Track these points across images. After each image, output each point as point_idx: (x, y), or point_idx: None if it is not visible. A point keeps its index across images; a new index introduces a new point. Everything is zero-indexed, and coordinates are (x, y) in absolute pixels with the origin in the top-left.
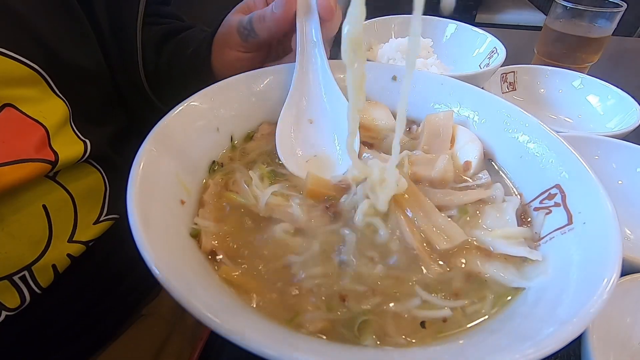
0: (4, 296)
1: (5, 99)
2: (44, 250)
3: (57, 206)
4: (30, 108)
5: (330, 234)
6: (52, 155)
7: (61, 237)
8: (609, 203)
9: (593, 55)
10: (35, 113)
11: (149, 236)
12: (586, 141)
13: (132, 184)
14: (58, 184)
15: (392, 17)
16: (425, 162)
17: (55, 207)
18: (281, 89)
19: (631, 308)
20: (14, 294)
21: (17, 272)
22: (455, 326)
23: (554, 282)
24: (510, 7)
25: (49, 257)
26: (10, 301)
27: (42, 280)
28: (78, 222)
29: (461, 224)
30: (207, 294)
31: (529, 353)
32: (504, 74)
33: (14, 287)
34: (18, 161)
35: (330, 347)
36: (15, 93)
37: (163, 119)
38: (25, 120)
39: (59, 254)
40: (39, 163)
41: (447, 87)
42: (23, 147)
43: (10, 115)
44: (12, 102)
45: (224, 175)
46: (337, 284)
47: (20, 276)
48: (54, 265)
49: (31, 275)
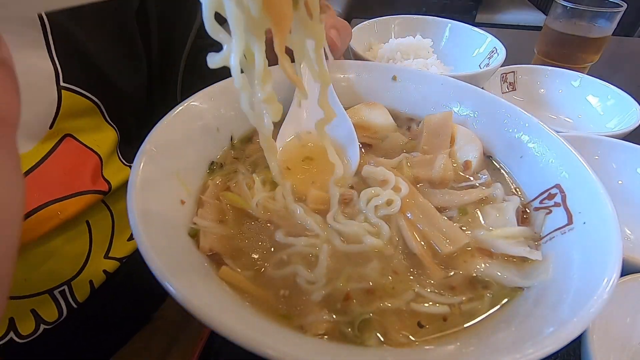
0: (44, 310)
1: (66, 130)
2: (82, 266)
3: (98, 223)
4: (87, 137)
5: (330, 237)
6: (105, 185)
7: (99, 252)
8: (609, 203)
9: (593, 55)
10: (91, 142)
11: (149, 235)
12: (586, 141)
13: (133, 184)
14: (104, 204)
15: (392, 17)
16: (424, 164)
17: (97, 224)
18: (281, 89)
19: (631, 308)
20: (53, 308)
21: (58, 286)
22: (456, 326)
23: (554, 282)
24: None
25: (87, 273)
26: (49, 315)
27: (79, 295)
28: (114, 239)
29: (461, 224)
30: (207, 293)
31: (529, 353)
32: (504, 74)
33: (54, 301)
34: (77, 194)
35: (332, 346)
36: (75, 124)
37: (163, 119)
38: (83, 149)
39: (95, 269)
40: (95, 195)
41: (447, 87)
42: (81, 177)
43: (70, 145)
44: (72, 132)
45: (224, 176)
46: (337, 286)
47: (60, 290)
48: (91, 281)
49: (70, 290)
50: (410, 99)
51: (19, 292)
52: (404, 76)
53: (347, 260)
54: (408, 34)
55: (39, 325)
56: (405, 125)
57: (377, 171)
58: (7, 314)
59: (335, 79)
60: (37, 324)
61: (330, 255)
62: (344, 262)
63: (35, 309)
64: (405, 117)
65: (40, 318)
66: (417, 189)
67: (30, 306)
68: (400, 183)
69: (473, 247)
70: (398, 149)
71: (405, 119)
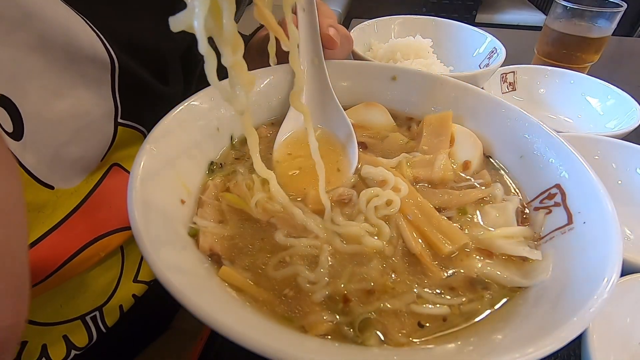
0: (75, 336)
1: (114, 160)
2: (114, 290)
3: (131, 248)
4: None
5: (331, 237)
6: None
7: (129, 276)
8: (609, 203)
9: (593, 55)
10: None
11: (149, 235)
12: (586, 141)
13: (133, 183)
14: None
15: (392, 18)
16: (424, 164)
17: (130, 250)
18: (281, 89)
19: (631, 308)
20: (84, 334)
21: (90, 312)
22: (456, 325)
23: (554, 281)
24: (510, 7)
25: (117, 298)
26: (79, 340)
27: (109, 320)
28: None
29: (461, 224)
30: (207, 292)
31: (529, 352)
32: (503, 74)
33: (85, 326)
34: (123, 229)
35: (334, 346)
36: (123, 153)
37: (163, 119)
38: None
39: (125, 294)
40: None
41: (447, 87)
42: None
43: (117, 174)
44: (119, 161)
45: (224, 176)
46: (339, 286)
47: (92, 316)
48: (121, 306)
49: (101, 316)
50: (410, 99)
51: (54, 319)
52: (404, 76)
53: (348, 261)
54: (408, 34)
55: (70, 351)
56: (405, 125)
57: (376, 171)
58: (39, 340)
59: (335, 79)
60: (68, 349)
61: (331, 256)
62: (344, 263)
63: (67, 334)
64: (405, 117)
65: (71, 344)
66: (416, 189)
67: (63, 332)
68: (400, 183)
69: (473, 247)
70: (398, 149)
71: (405, 119)
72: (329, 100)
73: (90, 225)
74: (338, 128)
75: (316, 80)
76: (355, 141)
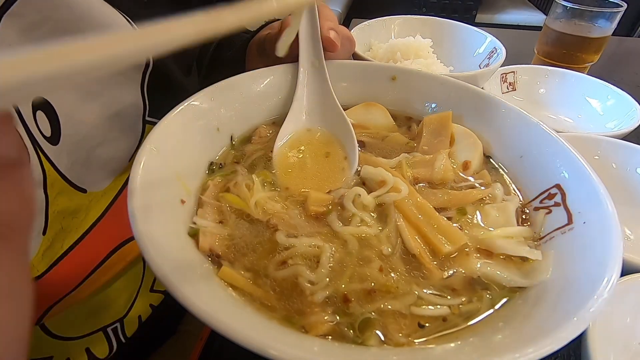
0: (97, 347)
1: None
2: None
3: None
4: None
5: (330, 238)
6: None
7: (147, 286)
8: (609, 203)
9: (593, 55)
10: None
11: (149, 235)
12: (586, 141)
13: (133, 183)
14: None
15: (392, 17)
16: (424, 164)
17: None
18: (281, 88)
19: (631, 308)
20: (105, 345)
21: (111, 324)
22: (456, 325)
23: (554, 281)
24: (510, 7)
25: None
26: (101, 352)
27: (129, 331)
28: None
29: (461, 224)
30: (207, 292)
31: (529, 352)
32: (503, 74)
33: (106, 338)
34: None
35: (334, 346)
36: None
37: (163, 119)
38: None
39: (143, 304)
40: None
41: (447, 87)
42: None
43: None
44: None
45: (224, 177)
46: (339, 286)
47: (113, 328)
48: (140, 316)
49: (121, 327)
50: (410, 99)
51: (78, 332)
52: (404, 76)
53: (349, 261)
54: (408, 34)
55: None
56: (405, 125)
57: (376, 172)
58: (64, 354)
59: (335, 80)
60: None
61: (331, 256)
62: (345, 263)
63: (89, 347)
64: (405, 117)
65: (93, 356)
66: (416, 189)
67: (85, 345)
68: (400, 183)
69: (472, 247)
70: (397, 149)
71: (404, 119)
72: (330, 102)
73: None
74: (338, 129)
75: (316, 81)
76: (355, 142)
